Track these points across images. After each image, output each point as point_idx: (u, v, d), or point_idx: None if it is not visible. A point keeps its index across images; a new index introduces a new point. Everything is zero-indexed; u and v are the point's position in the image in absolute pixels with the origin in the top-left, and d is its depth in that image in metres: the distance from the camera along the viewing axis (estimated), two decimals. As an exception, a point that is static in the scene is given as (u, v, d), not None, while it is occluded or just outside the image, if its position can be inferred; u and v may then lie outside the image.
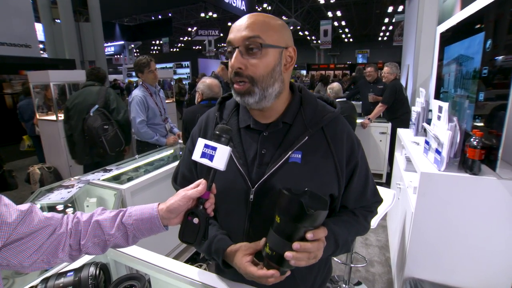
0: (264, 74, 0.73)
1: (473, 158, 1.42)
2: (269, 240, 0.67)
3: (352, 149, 0.83)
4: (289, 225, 0.63)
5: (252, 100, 0.75)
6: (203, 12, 16.42)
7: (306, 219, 0.62)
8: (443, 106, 1.55)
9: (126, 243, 0.71)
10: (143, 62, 2.77)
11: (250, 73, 0.73)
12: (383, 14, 18.43)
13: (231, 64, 0.74)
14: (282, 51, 0.75)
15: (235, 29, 0.73)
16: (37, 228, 0.64)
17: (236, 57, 0.72)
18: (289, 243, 0.64)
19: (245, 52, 0.72)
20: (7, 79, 6.54)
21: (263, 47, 0.71)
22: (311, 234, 0.64)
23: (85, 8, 8.74)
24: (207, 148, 0.68)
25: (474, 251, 1.53)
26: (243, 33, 0.71)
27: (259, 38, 0.71)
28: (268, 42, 0.72)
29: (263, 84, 0.74)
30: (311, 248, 0.64)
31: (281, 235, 0.64)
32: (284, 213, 0.63)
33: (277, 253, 0.65)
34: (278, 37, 0.74)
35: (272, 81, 0.75)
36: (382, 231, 3.05)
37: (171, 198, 0.71)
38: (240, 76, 0.74)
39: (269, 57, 0.73)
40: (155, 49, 29.50)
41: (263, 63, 0.73)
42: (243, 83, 0.74)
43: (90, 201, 1.85)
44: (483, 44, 1.54)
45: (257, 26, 0.71)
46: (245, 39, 0.71)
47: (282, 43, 0.75)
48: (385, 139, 4.18)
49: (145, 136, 2.80)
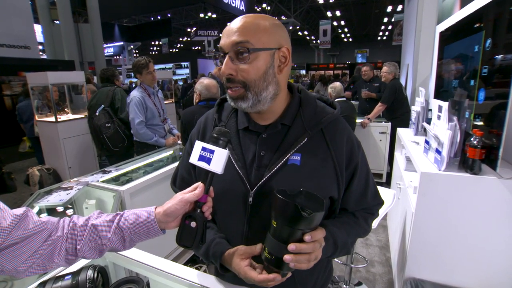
0: (256, 78, 0.72)
1: (473, 158, 1.42)
2: (267, 244, 0.66)
3: (352, 151, 0.82)
4: (285, 228, 0.62)
5: (245, 105, 0.74)
6: (202, 12, 16.44)
7: (302, 222, 0.61)
8: (443, 105, 1.55)
9: (123, 247, 0.70)
10: (141, 63, 2.77)
11: (242, 78, 0.72)
12: (382, 14, 18.44)
13: (222, 71, 0.73)
14: (274, 53, 0.73)
15: (225, 34, 0.72)
16: (32, 232, 0.63)
17: (226, 64, 0.71)
18: (287, 246, 0.63)
19: (235, 58, 0.71)
20: (6, 81, 6.54)
21: (251, 52, 0.70)
22: (309, 236, 0.63)
23: (84, 9, 8.74)
24: (205, 151, 0.68)
25: (474, 251, 1.53)
26: (232, 38, 0.70)
27: (247, 42, 0.69)
28: (258, 45, 0.70)
29: (256, 89, 0.73)
30: (307, 249, 0.63)
31: (278, 239, 0.64)
32: (280, 217, 0.62)
33: (276, 257, 0.65)
34: (268, 39, 0.72)
35: (265, 84, 0.73)
36: (383, 231, 3.05)
37: (168, 201, 0.70)
38: (232, 82, 0.73)
39: (259, 61, 0.71)
40: (155, 50, 29.49)
41: (253, 67, 0.71)
42: (236, 88, 0.73)
43: (89, 203, 1.84)
44: (482, 43, 1.53)
45: (246, 30, 0.70)
46: (233, 44, 0.70)
47: (273, 44, 0.73)
48: (385, 138, 4.18)
49: (144, 137, 2.80)
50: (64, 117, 4.09)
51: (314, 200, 0.68)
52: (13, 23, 6.67)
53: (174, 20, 18.87)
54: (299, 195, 0.69)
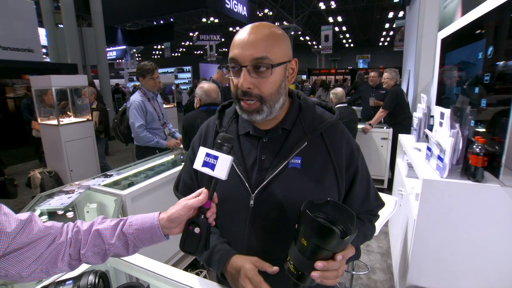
0: (272, 92, 0.73)
1: (476, 165, 1.41)
2: (293, 258, 0.63)
3: (351, 155, 0.82)
4: (318, 249, 0.60)
5: (260, 118, 0.75)
6: (205, 17, 16.52)
7: (338, 245, 0.60)
8: (445, 112, 1.55)
9: (126, 253, 0.70)
10: (147, 68, 2.78)
11: (259, 93, 0.72)
12: (384, 20, 18.52)
13: (240, 84, 0.72)
14: (286, 66, 0.76)
15: (239, 45, 0.71)
16: (36, 237, 0.63)
17: (244, 77, 0.71)
18: (314, 263, 0.61)
19: (252, 71, 0.71)
20: (10, 83, 6.58)
21: (274, 67, 0.71)
22: (341, 256, 0.61)
23: (88, 13, 8.80)
24: (209, 157, 0.67)
25: (477, 259, 1.52)
26: (249, 51, 0.69)
27: (267, 58, 0.70)
28: (276, 60, 0.71)
29: (271, 102, 0.74)
30: (335, 266, 0.61)
31: (306, 257, 0.61)
32: (313, 238, 0.59)
33: (302, 272, 0.62)
34: (283, 53, 0.73)
35: (278, 96, 0.75)
36: (384, 237, 3.03)
37: (172, 207, 0.70)
38: (249, 95, 0.73)
39: (276, 75, 0.73)
40: (157, 54, 29.62)
41: (271, 82, 0.72)
42: (252, 101, 0.73)
43: (90, 206, 1.84)
44: (484, 50, 1.54)
45: (264, 44, 0.70)
46: (253, 59, 0.69)
47: (287, 57, 0.75)
48: (387, 144, 4.17)
49: (144, 139, 2.80)
50: (66, 120, 4.10)
51: (342, 211, 0.66)
52: (17, 27, 6.74)
53: (176, 25, 18.97)
54: (326, 205, 0.68)
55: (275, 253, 0.78)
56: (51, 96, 3.82)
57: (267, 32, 0.72)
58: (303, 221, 0.61)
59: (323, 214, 0.68)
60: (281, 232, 0.78)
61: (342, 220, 0.66)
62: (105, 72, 9.30)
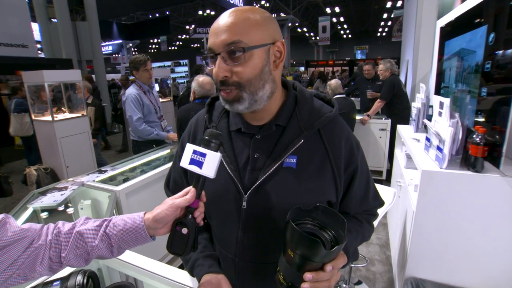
0: (252, 77, 0.67)
1: (475, 155, 1.38)
2: (282, 269, 0.61)
3: (351, 153, 0.77)
4: (305, 261, 0.56)
5: (242, 107, 0.69)
6: (201, 9, 16.34)
7: (326, 256, 0.56)
8: (444, 102, 1.51)
9: (110, 255, 0.67)
10: (139, 60, 2.73)
11: (237, 79, 0.67)
12: (382, 10, 18.34)
13: (215, 73, 0.67)
14: (269, 49, 0.68)
15: (213, 33, 0.66)
16: (11, 241, 0.59)
17: (219, 66, 0.65)
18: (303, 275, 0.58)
19: (228, 58, 0.65)
20: (4, 80, 6.49)
21: (246, 51, 0.64)
22: (330, 267, 0.58)
23: (82, 7, 8.68)
24: (196, 154, 0.64)
25: (476, 250, 1.50)
26: (222, 37, 0.64)
27: (240, 42, 0.63)
28: (252, 43, 0.64)
29: (251, 88, 0.67)
30: (325, 276, 0.58)
31: (295, 268, 0.58)
32: (298, 249, 0.56)
33: (292, 283, 0.59)
34: (262, 35, 0.66)
35: (262, 83, 0.68)
36: (383, 229, 3.02)
37: (158, 207, 0.67)
38: (226, 84, 0.67)
39: (255, 59, 0.66)
40: (153, 48, 29.38)
41: (249, 67, 0.66)
42: (229, 90, 0.68)
43: (84, 203, 1.80)
44: (485, 37, 1.49)
45: (237, 27, 0.64)
46: (225, 44, 0.64)
47: (268, 39, 0.67)
48: (385, 135, 4.14)
49: (144, 132, 2.75)
50: (61, 116, 4.05)
51: (333, 217, 0.62)
52: (10, 22, 6.63)
53: (173, 18, 18.78)
54: (316, 210, 0.64)
55: (269, 256, 0.75)
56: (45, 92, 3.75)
57: (241, 15, 0.66)
58: (288, 232, 0.57)
59: (311, 220, 0.64)
60: (275, 235, 0.73)
61: (332, 226, 0.62)
62: (101, 67, 9.21)
